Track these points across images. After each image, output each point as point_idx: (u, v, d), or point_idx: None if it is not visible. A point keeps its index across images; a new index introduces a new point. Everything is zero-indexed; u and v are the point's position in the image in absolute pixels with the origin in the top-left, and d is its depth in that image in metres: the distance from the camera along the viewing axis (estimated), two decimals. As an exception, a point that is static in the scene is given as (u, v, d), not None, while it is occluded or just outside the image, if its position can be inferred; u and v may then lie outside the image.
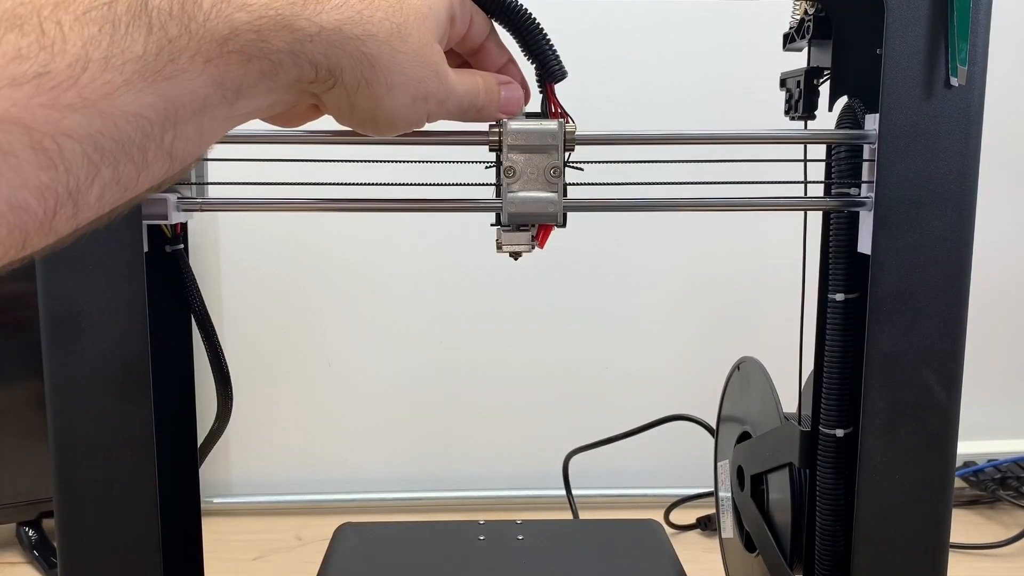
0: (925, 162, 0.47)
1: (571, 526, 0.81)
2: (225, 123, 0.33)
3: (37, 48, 0.25)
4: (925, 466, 0.49)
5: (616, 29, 1.03)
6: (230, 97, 0.31)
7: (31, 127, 0.25)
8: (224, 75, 0.30)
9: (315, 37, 0.33)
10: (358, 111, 0.37)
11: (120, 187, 0.29)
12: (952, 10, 0.45)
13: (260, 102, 0.33)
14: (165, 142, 0.30)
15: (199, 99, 0.30)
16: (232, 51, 0.30)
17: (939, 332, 0.48)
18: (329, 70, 0.34)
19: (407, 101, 0.37)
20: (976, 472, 1.02)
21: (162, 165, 0.30)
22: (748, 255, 1.06)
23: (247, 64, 0.31)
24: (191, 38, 0.29)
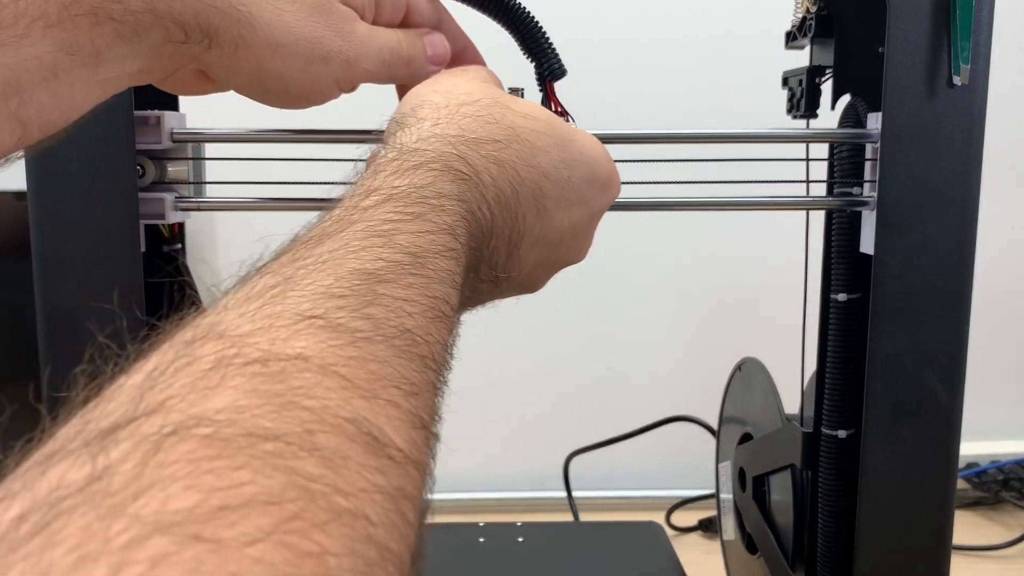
0: (928, 161, 0.46)
1: (571, 528, 0.81)
2: (90, 88, 0.31)
3: None
4: (927, 467, 0.49)
5: (616, 29, 1.02)
6: (88, 62, 0.30)
7: None
8: (73, 40, 0.29)
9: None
10: (242, 74, 0.35)
11: None
12: (955, 8, 0.45)
13: (128, 66, 0.32)
14: (11, 108, 0.28)
15: (46, 65, 0.29)
16: (79, 15, 0.29)
17: (942, 332, 0.48)
18: (202, 30, 0.32)
19: (300, 63, 0.35)
20: (979, 473, 1.01)
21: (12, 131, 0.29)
22: (750, 255, 1.06)
23: (98, 27, 0.30)
24: (29, 3, 0.28)
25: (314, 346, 0.20)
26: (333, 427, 0.18)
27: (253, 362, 0.19)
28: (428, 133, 0.33)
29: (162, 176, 0.48)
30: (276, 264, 0.25)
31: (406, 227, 0.27)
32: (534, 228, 0.35)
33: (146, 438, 0.16)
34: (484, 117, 0.34)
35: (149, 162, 0.47)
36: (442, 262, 0.27)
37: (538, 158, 0.35)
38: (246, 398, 0.18)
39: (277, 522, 0.16)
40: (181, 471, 0.16)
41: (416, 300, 0.25)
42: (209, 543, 0.14)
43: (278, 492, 0.16)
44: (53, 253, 0.47)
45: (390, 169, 0.30)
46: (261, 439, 0.17)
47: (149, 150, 0.47)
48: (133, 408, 0.18)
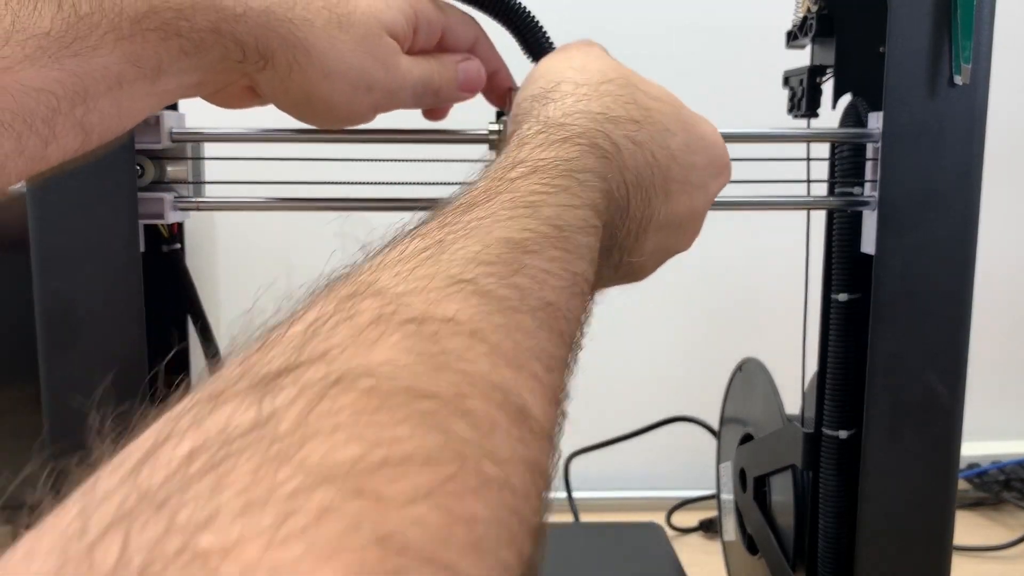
0: (929, 161, 0.46)
1: (572, 529, 0.81)
2: (148, 99, 0.32)
3: None
4: (929, 468, 0.49)
5: (616, 28, 1.02)
6: (149, 74, 0.31)
7: None
8: (140, 53, 0.30)
9: (241, 18, 0.32)
10: (291, 95, 0.36)
11: (25, 158, 0.29)
12: (956, 8, 0.45)
13: (186, 80, 0.33)
14: (76, 116, 0.29)
15: (112, 75, 0.30)
16: (149, 29, 0.30)
17: (943, 333, 0.48)
18: (259, 51, 0.34)
19: (347, 89, 0.37)
20: (980, 474, 1.01)
21: (75, 138, 0.30)
22: (750, 255, 1.06)
23: (165, 42, 0.31)
24: (103, 15, 0.29)
25: (466, 310, 0.21)
26: (483, 393, 0.19)
27: (409, 321, 0.19)
28: (573, 108, 0.33)
29: (161, 176, 0.48)
30: (426, 228, 0.25)
31: (552, 200, 0.27)
32: (660, 211, 0.35)
33: (310, 385, 0.17)
34: (623, 97, 0.35)
35: (148, 162, 0.47)
36: (584, 238, 0.27)
37: (668, 140, 0.36)
38: (404, 355, 0.18)
39: (435, 483, 0.16)
40: (345, 421, 0.16)
41: (559, 274, 0.25)
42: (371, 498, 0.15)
43: (436, 452, 0.16)
44: (52, 252, 0.47)
45: (536, 142, 0.30)
46: (419, 397, 0.17)
47: (148, 149, 0.47)
48: (296, 355, 0.18)
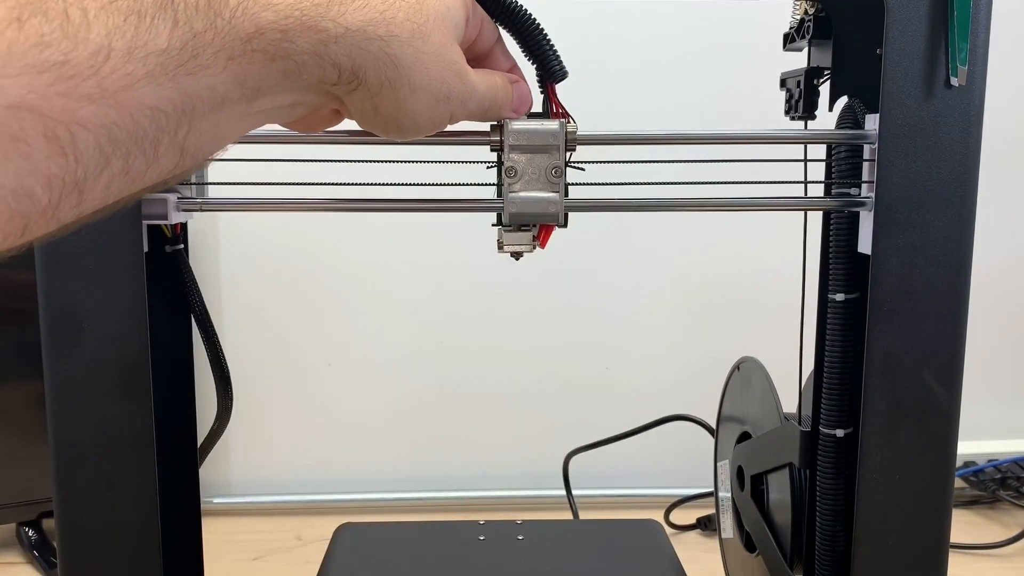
0: (925, 162, 0.47)
1: (571, 526, 0.81)
2: (243, 120, 0.32)
3: (60, 35, 0.25)
4: (925, 466, 0.49)
5: (616, 29, 1.03)
6: (249, 95, 0.31)
7: (46, 115, 0.25)
8: (246, 73, 0.30)
9: (340, 39, 0.32)
10: (381, 113, 0.36)
11: (128, 179, 0.28)
12: (952, 10, 0.45)
13: (280, 101, 0.33)
14: (179, 137, 0.29)
15: (218, 96, 0.29)
16: (256, 50, 0.30)
17: (939, 332, 0.48)
18: (353, 72, 0.34)
19: (430, 102, 0.37)
20: (976, 472, 1.02)
21: (172, 159, 0.30)
22: (748, 255, 1.06)
23: (270, 63, 0.31)
24: (216, 34, 0.29)
25: None
26: None
27: None
28: None
29: (164, 176, 0.48)
30: None
31: None
32: None
33: None
34: None
35: (152, 162, 0.47)
36: None
37: None
38: None
39: None
40: None
41: None
42: None
43: None
44: (56, 253, 0.47)
45: None
46: None
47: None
48: None
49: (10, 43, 0.24)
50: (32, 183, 0.25)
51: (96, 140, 0.26)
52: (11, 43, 0.24)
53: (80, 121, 0.25)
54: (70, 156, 0.26)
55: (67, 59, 0.25)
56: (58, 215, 0.27)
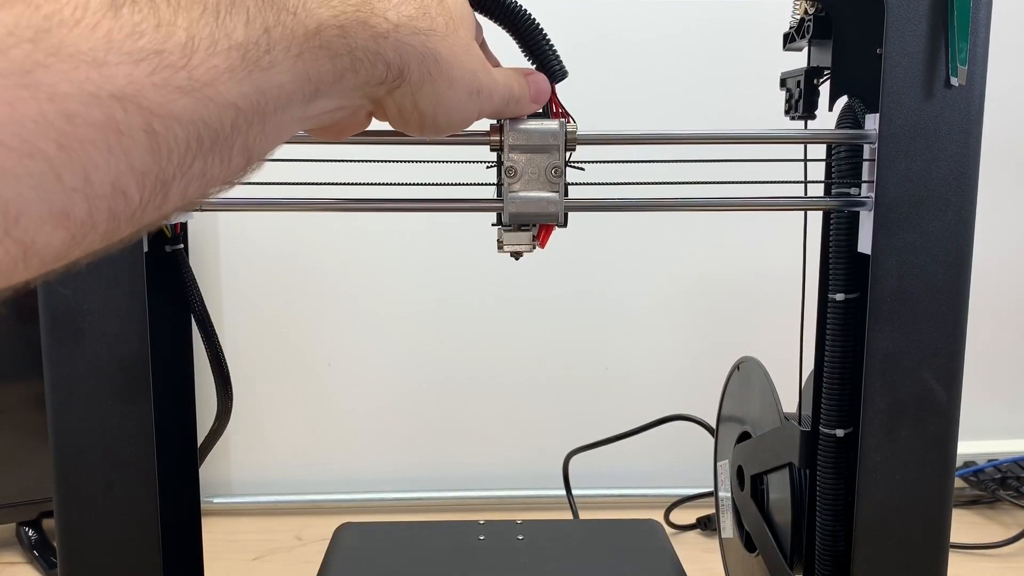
0: (925, 162, 0.47)
1: (571, 526, 0.81)
2: (298, 124, 0.31)
3: (153, 24, 0.24)
4: (925, 466, 0.49)
5: (616, 30, 1.03)
6: (309, 96, 0.30)
7: (145, 107, 0.24)
8: (310, 71, 0.30)
9: (388, 34, 0.32)
10: (420, 109, 0.36)
11: (204, 181, 0.27)
12: (952, 10, 0.45)
13: (331, 104, 0.32)
14: (249, 138, 0.28)
15: (285, 95, 0.29)
16: (319, 46, 0.30)
17: (939, 332, 0.48)
18: (399, 68, 0.33)
19: (464, 95, 0.37)
20: (976, 472, 1.02)
21: (241, 162, 0.29)
22: (748, 255, 1.06)
23: (332, 60, 0.30)
24: (284, 30, 0.28)
25: None
26: None
27: None
28: None
29: (164, 176, 0.48)
30: None
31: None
32: None
33: None
34: None
35: (151, 162, 0.47)
36: None
37: None
38: None
39: None
40: None
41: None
42: None
43: None
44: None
45: None
46: None
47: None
48: None
49: (108, 31, 0.23)
50: (129, 180, 0.24)
51: (186, 137, 0.25)
52: (109, 31, 0.23)
53: (175, 115, 0.25)
54: (163, 152, 0.25)
55: (162, 48, 0.24)
56: (144, 217, 0.26)
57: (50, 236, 0.23)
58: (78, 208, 0.23)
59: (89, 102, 0.22)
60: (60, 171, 0.22)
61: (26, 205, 0.22)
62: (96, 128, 0.23)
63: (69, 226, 0.23)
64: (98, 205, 0.24)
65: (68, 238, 0.23)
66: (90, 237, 0.24)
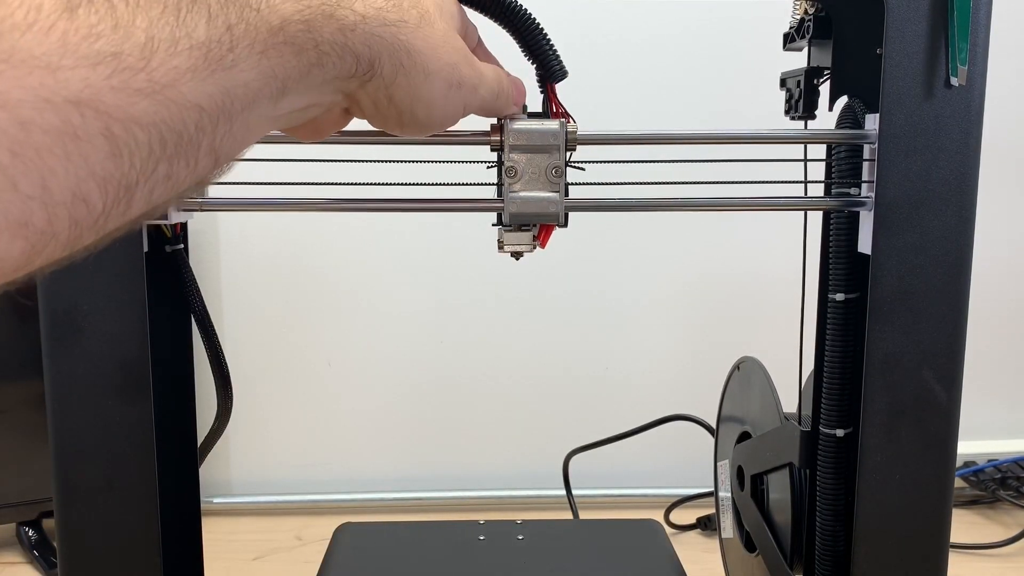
0: (925, 162, 0.47)
1: (571, 526, 0.81)
2: (266, 123, 0.31)
3: (110, 25, 0.24)
4: (925, 466, 0.49)
5: (616, 30, 1.03)
6: (276, 94, 0.30)
7: (103, 111, 0.23)
8: (275, 68, 0.29)
9: (356, 26, 0.32)
10: (396, 103, 0.35)
11: (170, 184, 0.27)
12: (952, 10, 0.45)
13: (300, 101, 0.32)
14: (216, 139, 0.28)
15: (252, 92, 0.28)
16: (283, 42, 0.29)
17: (939, 332, 0.48)
18: (369, 60, 0.33)
19: (443, 88, 0.36)
20: (976, 472, 1.02)
21: (208, 164, 0.28)
22: (748, 255, 1.06)
23: (298, 56, 0.30)
24: (247, 27, 0.28)
25: None
26: None
27: None
28: None
29: (164, 176, 0.48)
30: None
31: None
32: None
33: None
34: None
35: (152, 162, 0.47)
36: None
37: None
38: None
39: None
40: None
41: None
42: None
43: None
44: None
45: None
46: None
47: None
48: None
49: (64, 33, 0.23)
50: (90, 187, 0.24)
51: (148, 140, 0.25)
52: (64, 33, 0.23)
53: (135, 118, 0.24)
54: (124, 157, 0.24)
55: (120, 51, 0.24)
56: (107, 224, 0.25)
57: (8, 246, 0.22)
58: (37, 217, 0.23)
59: (44, 108, 0.22)
60: (16, 180, 0.22)
61: None
62: (52, 135, 0.22)
63: (28, 235, 0.23)
64: (58, 213, 0.23)
65: (27, 248, 0.23)
66: (51, 246, 0.24)
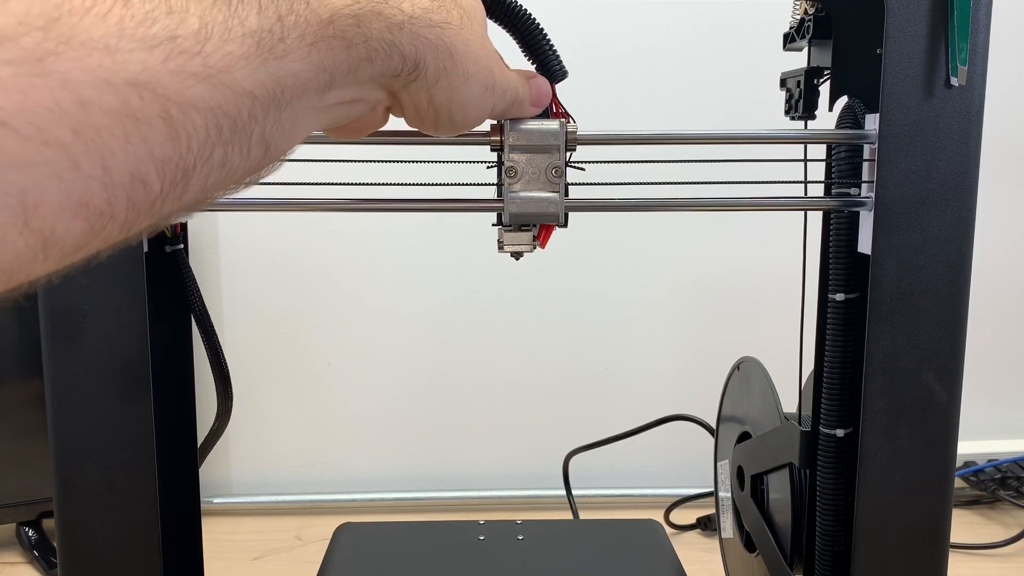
0: (925, 162, 0.47)
1: (571, 526, 0.81)
2: (314, 116, 0.31)
3: (164, 11, 0.24)
4: (925, 466, 0.49)
5: (616, 30, 1.03)
6: (324, 85, 0.30)
7: (161, 94, 0.24)
8: (324, 61, 0.29)
9: (403, 25, 0.32)
10: (435, 104, 0.36)
11: (224, 172, 0.27)
12: (952, 10, 0.45)
13: (345, 95, 0.32)
14: (266, 128, 0.28)
15: (301, 83, 0.29)
16: (333, 36, 0.30)
17: (939, 332, 0.48)
18: (415, 61, 0.33)
19: (479, 91, 0.37)
20: (976, 472, 1.02)
21: (259, 153, 0.29)
22: (748, 255, 1.06)
23: (347, 50, 0.30)
24: (298, 18, 0.28)
25: None
26: None
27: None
28: None
29: (164, 176, 0.48)
30: None
31: None
32: None
33: None
34: None
35: (152, 162, 0.47)
36: None
37: None
38: None
39: None
40: None
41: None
42: None
43: None
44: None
45: None
46: None
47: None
48: None
49: (120, 19, 0.23)
50: (149, 168, 0.24)
51: (205, 124, 0.25)
52: (121, 19, 0.23)
53: (191, 101, 0.25)
54: (182, 140, 0.25)
55: (175, 35, 0.24)
56: (163, 207, 0.26)
57: (69, 226, 0.23)
58: (97, 197, 0.23)
59: (103, 89, 0.22)
60: (77, 159, 0.22)
61: (44, 194, 0.22)
62: (112, 115, 0.23)
63: (88, 215, 0.23)
64: (117, 194, 0.23)
65: (87, 228, 0.23)
66: (109, 227, 0.24)
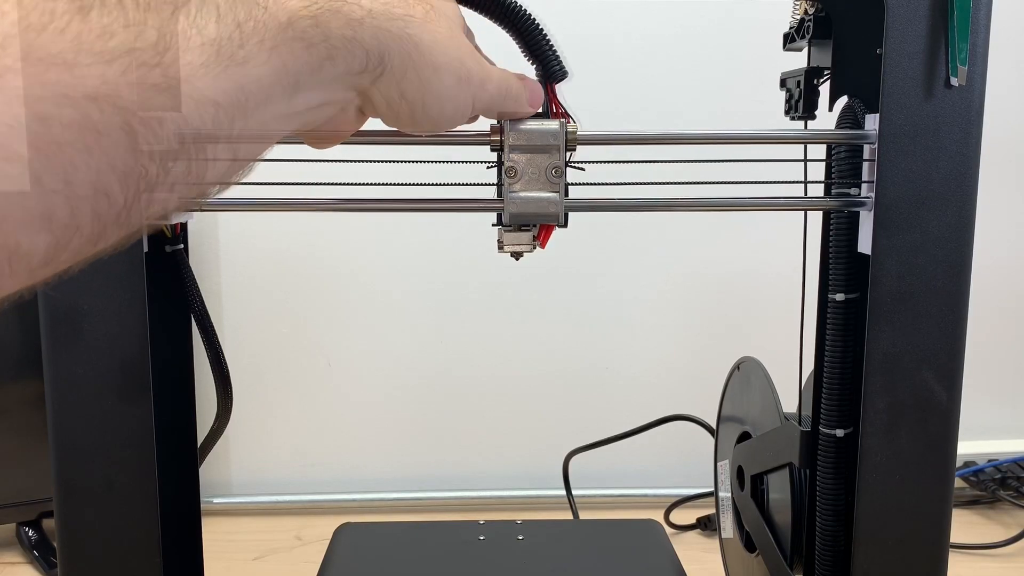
0: (925, 162, 0.47)
1: (571, 526, 0.81)
2: (283, 122, 0.31)
3: (122, 25, 0.24)
4: (925, 466, 0.49)
5: (616, 31, 1.03)
6: (289, 90, 0.30)
7: (120, 106, 0.24)
8: (287, 62, 0.30)
9: (364, 20, 0.32)
10: (408, 98, 0.36)
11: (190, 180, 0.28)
12: (952, 10, 0.45)
13: (315, 97, 0.32)
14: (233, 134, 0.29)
15: (265, 88, 0.29)
16: (293, 38, 0.30)
17: (939, 332, 0.48)
18: (379, 55, 0.33)
19: (452, 81, 0.37)
20: (976, 472, 1.02)
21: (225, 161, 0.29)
22: (748, 255, 1.06)
23: (308, 51, 0.30)
24: (256, 24, 0.29)
25: None
26: None
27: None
28: None
29: (164, 176, 0.48)
30: None
31: None
32: None
33: None
34: None
35: (152, 162, 0.47)
36: None
37: None
38: None
39: None
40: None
41: None
42: None
43: None
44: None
45: None
46: None
47: (152, 151, 0.47)
48: None
49: (77, 34, 0.23)
50: (111, 180, 0.24)
51: (166, 134, 0.26)
52: (78, 34, 0.23)
53: (152, 113, 0.25)
54: (144, 151, 0.25)
55: (133, 47, 0.24)
56: (130, 218, 0.26)
57: (33, 239, 0.23)
58: (60, 210, 0.23)
59: (62, 103, 0.23)
60: (38, 173, 0.22)
61: (6, 209, 0.22)
62: (72, 129, 0.23)
63: (52, 229, 0.23)
64: (81, 207, 0.24)
65: (52, 241, 0.24)
66: (75, 240, 0.24)
